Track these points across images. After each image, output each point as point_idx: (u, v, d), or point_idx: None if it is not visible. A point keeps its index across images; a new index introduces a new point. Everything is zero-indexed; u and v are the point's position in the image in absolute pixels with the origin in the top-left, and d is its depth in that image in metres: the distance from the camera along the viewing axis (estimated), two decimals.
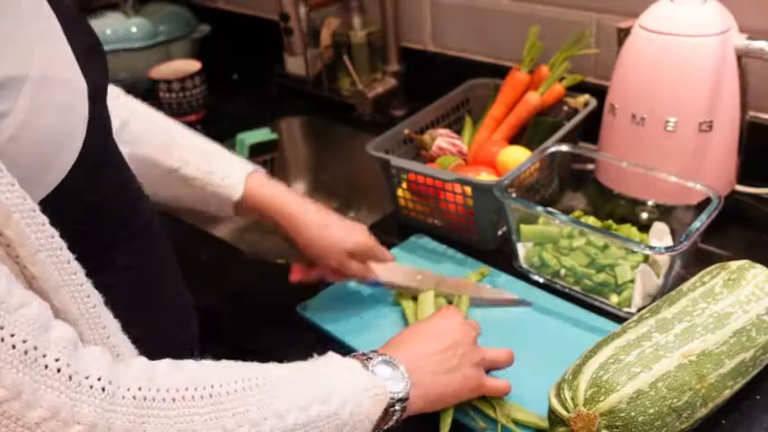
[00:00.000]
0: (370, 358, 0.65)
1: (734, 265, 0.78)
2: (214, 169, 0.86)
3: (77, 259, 0.52)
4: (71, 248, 0.51)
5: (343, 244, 0.86)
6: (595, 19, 1.20)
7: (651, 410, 0.64)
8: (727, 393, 0.70)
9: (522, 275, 0.97)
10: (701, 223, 0.83)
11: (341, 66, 1.49)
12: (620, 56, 1.04)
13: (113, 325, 0.55)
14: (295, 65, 1.54)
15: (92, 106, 0.57)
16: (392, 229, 1.10)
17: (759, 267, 0.77)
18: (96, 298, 0.53)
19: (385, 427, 0.64)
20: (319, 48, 1.50)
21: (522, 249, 0.97)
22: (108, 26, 1.60)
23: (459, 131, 1.22)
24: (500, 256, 1.00)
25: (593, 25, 1.20)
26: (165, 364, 0.54)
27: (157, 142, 0.86)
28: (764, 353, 0.72)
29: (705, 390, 0.67)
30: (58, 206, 0.52)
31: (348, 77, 1.47)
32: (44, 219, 0.49)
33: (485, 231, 1.01)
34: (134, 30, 1.62)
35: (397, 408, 0.63)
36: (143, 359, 0.54)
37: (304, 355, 0.63)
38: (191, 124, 1.51)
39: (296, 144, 1.56)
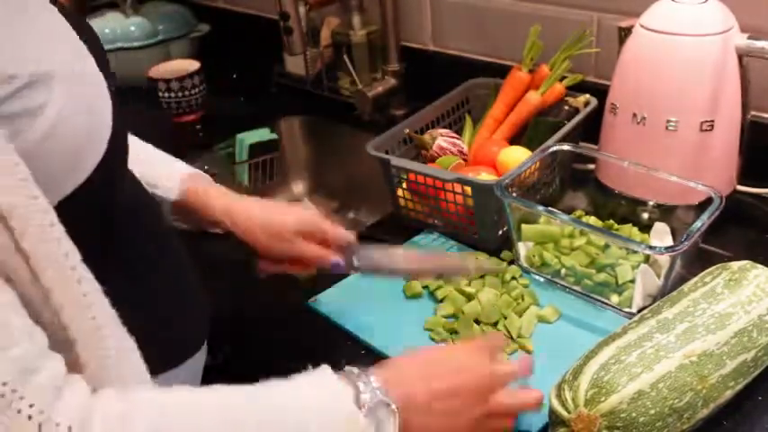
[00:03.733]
0: (364, 392, 0.57)
1: (735, 265, 0.78)
2: (151, 171, 0.81)
3: (89, 263, 0.49)
4: (83, 254, 0.48)
5: (286, 225, 0.82)
6: (596, 18, 1.19)
7: (652, 411, 0.64)
8: (729, 394, 0.69)
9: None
10: (702, 223, 0.82)
11: (341, 65, 1.48)
12: (621, 55, 1.04)
13: (126, 344, 0.52)
14: (295, 64, 1.54)
15: (114, 103, 0.57)
16: (392, 229, 1.10)
17: (760, 268, 0.77)
18: (103, 320, 0.50)
19: None
20: (319, 47, 1.49)
21: (522, 249, 0.97)
22: (107, 25, 1.60)
23: (459, 131, 1.21)
24: (501, 255, 1.00)
25: (593, 24, 1.20)
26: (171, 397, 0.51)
27: None
28: (766, 353, 0.72)
29: (706, 390, 0.66)
30: (71, 209, 0.50)
31: (348, 77, 1.47)
32: (61, 233, 0.47)
33: (485, 231, 1.01)
34: (133, 29, 1.62)
35: None
36: (146, 393, 0.51)
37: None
38: (190, 124, 1.53)
39: (296, 144, 1.55)
